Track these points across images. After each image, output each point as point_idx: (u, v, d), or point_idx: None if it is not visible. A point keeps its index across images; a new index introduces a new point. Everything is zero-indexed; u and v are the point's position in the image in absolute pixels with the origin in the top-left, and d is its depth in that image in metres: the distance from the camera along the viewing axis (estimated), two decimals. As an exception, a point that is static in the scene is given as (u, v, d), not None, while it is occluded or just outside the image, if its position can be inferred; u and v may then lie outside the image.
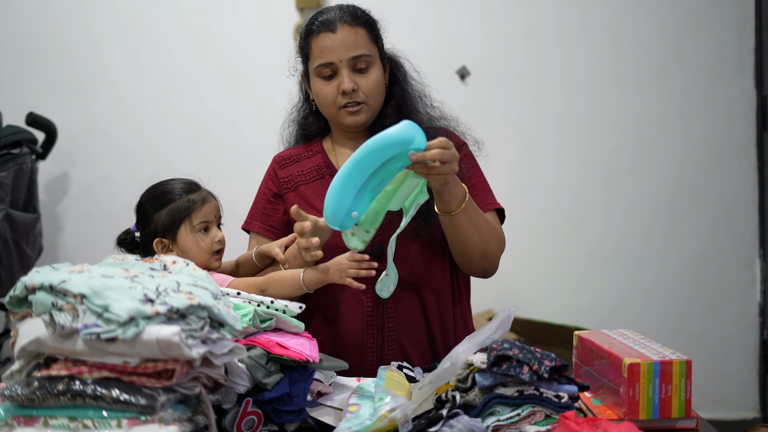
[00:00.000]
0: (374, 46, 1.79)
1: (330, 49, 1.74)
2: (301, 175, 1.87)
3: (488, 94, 3.38)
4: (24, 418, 1.12)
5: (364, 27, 1.77)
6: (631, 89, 3.40)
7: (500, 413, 1.28)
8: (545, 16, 3.40)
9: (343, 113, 1.78)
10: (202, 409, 1.16)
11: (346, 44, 1.74)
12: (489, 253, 1.74)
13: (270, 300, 1.48)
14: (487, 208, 1.81)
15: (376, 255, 1.76)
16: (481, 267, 1.77)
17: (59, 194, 3.48)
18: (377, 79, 1.77)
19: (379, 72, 1.78)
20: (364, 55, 1.75)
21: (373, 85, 1.76)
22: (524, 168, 3.42)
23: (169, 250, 1.66)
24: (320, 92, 1.79)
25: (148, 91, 3.44)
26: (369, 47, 1.77)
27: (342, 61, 1.74)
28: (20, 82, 3.45)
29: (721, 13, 3.36)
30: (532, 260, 3.43)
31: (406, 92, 1.85)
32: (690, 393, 1.35)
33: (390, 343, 1.76)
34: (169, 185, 1.68)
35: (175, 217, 1.64)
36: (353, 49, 1.74)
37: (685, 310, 3.42)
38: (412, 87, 1.87)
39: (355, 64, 1.75)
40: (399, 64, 1.88)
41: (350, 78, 1.74)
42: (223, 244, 1.69)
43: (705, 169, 3.40)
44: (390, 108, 1.83)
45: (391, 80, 1.86)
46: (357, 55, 1.74)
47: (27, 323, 1.17)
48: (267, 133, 3.37)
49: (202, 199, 1.67)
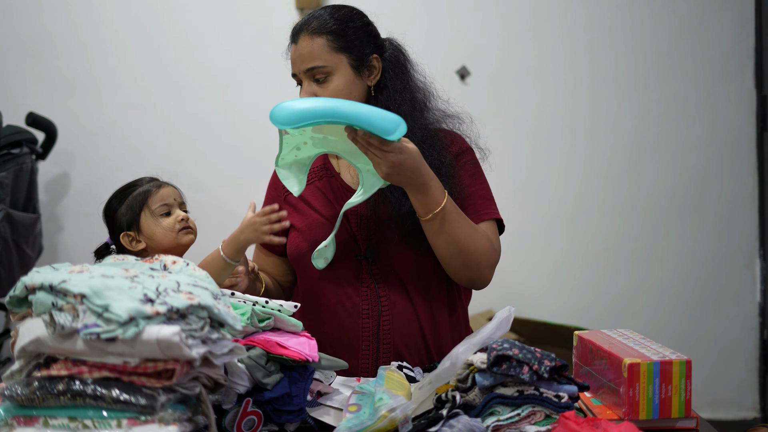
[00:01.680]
0: (338, 55, 1.75)
1: (293, 60, 1.78)
2: None
3: (488, 94, 3.38)
4: (24, 418, 1.12)
5: (324, 36, 1.75)
6: (631, 89, 3.40)
7: (500, 413, 1.28)
8: (545, 16, 3.40)
9: None
10: (202, 409, 1.16)
11: (302, 56, 1.75)
12: (471, 264, 1.71)
13: (264, 300, 1.48)
14: (482, 217, 1.78)
15: (369, 257, 1.76)
16: (466, 277, 1.75)
17: (59, 194, 3.48)
18: (336, 87, 1.74)
19: (342, 80, 1.75)
20: (318, 67, 1.74)
21: (331, 94, 1.74)
22: (524, 168, 3.42)
23: (137, 241, 1.66)
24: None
25: (148, 92, 3.44)
26: (327, 57, 1.74)
27: (299, 73, 1.76)
28: (20, 82, 3.45)
29: (721, 13, 3.36)
30: (532, 260, 3.43)
31: (398, 92, 1.80)
32: (690, 393, 1.35)
33: (385, 346, 1.76)
34: (126, 185, 1.71)
35: (133, 207, 1.66)
36: (307, 61, 1.74)
37: (685, 310, 3.42)
38: (410, 88, 1.82)
39: (313, 74, 1.75)
40: (399, 67, 1.83)
41: (307, 89, 1.75)
42: (189, 222, 1.68)
43: (705, 169, 3.40)
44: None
45: (379, 84, 1.81)
46: (311, 67, 1.74)
47: (27, 323, 1.17)
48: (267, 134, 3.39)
49: (158, 186, 1.68)
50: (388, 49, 1.84)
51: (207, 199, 3.34)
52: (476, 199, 1.80)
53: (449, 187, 1.72)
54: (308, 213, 1.83)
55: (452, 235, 1.68)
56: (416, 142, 1.72)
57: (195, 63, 3.44)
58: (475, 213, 1.77)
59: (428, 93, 1.86)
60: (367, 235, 1.78)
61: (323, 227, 1.79)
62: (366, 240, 1.78)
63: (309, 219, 1.82)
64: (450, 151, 1.80)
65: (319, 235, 1.77)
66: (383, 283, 1.76)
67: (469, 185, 1.80)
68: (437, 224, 1.67)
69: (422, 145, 1.74)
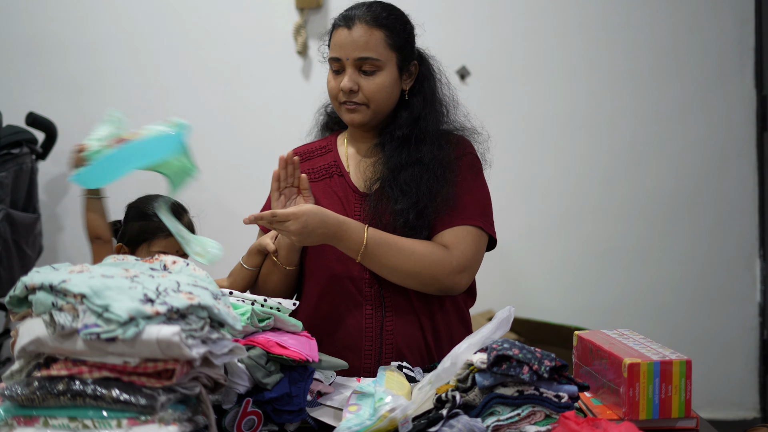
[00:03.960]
0: (391, 52, 1.76)
1: (341, 45, 1.75)
2: (311, 173, 1.86)
3: (488, 94, 3.38)
4: (24, 418, 1.12)
5: (383, 30, 1.75)
6: (630, 89, 3.40)
7: (500, 413, 1.28)
8: (545, 16, 3.40)
9: (342, 109, 1.80)
10: (202, 409, 1.16)
11: (356, 43, 1.73)
12: (427, 280, 1.73)
13: (263, 298, 1.48)
14: (464, 222, 1.76)
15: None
16: (433, 290, 1.76)
17: (59, 194, 3.48)
18: (382, 84, 1.75)
19: (389, 77, 1.76)
20: (372, 59, 1.74)
21: (377, 89, 1.75)
22: (524, 168, 3.42)
23: (125, 253, 1.75)
24: (328, 83, 1.81)
25: (147, 91, 3.44)
26: (382, 51, 1.75)
27: (348, 59, 1.74)
28: (20, 82, 3.45)
29: (721, 13, 3.36)
30: (532, 260, 3.43)
31: (428, 104, 1.82)
32: (690, 393, 1.35)
33: (388, 346, 1.76)
34: (154, 204, 1.75)
35: (140, 236, 1.77)
36: (362, 50, 1.73)
37: (685, 310, 3.42)
38: (437, 99, 1.85)
39: (361, 65, 1.74)
40: (430, 75, 1.85)
41: (352, 78, 1.74)
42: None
43: (705, 169, 3.40)
44: (404, 119, 1.80)
45: (415, 89, 1.83)
46: (364, 57, 1.73)
47: (27, 323, 1.17)
48: (267, 134, 3.39)
49: (167, 235, 1.73)
50: (423, 58, 1.87)
51: (207, 199, 3.31)
52: (466, 203, 1.79)
53: (442, 187, 1.74)
54: None
55: (390, 265, 1.71)
56: (428, 143, 1.77)
57: (195, 63, 3.44)
58: (458, 216, 1.77)
59: (452, 105, 1.88)
60: None
61: None
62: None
63: None
64: (455, 152, 1.82)
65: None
66: (387, 283, 1.77)
67: (466, 189, 1.80)
68: (369, 260, 1.71)
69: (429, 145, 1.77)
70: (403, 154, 1.77)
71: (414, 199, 1.74)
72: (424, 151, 1.77)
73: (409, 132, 1.79)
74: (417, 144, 1.78)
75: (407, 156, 1.77)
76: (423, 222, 1.75)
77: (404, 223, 1.74)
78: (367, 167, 1.83)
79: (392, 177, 1.77)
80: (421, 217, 1.74)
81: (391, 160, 1.78)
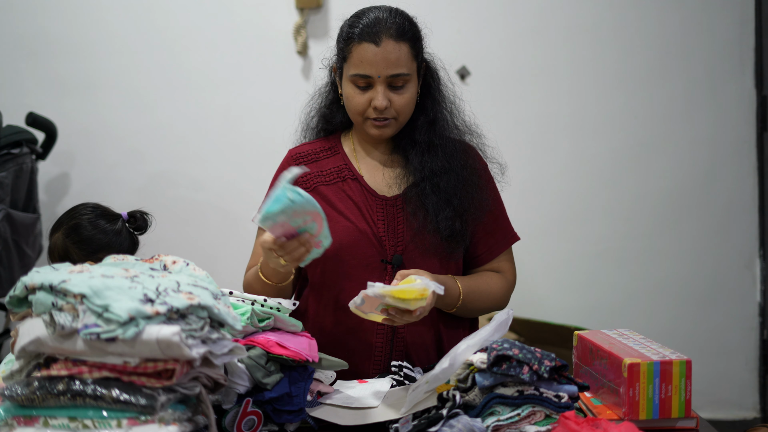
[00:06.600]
0: (414, 63, 1.74)
1: (370, 62, 1.69)
2: (321, 176, 1.82)
3: (488, 94, 3.37)
4: (24, 418, 1.12)
5: (407, 42, 1.72)
6: (630, 89, 3.40)
7: (500, 413, 1.28)
8: (545, 16, 3.40)
9: (369, 124, 1.75)
10: (202, 409, 1.16)
11: (387, 60, 1.69)
12: (495, 310, 1.80)
13: (263, 298, 1.48)
14: (503, 248, 1.87)
15: (395, 263, 1.75)
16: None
17: (59, 194, 3.48)
18: (411, 97, 1.74)
19: (414, 88, 1.75)
20: (402, 74, 1.71)
21: (406, 103, 1.73)
22: (524, 168, 3.41)
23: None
24: (351, 99, 1.74)
25: (147, 91, 3.44)
26: (409, 65, 1.72)
27: (380, 76, 1.70)
28: (20, 82, 3.44)
29: (721, 13, 3.35)
30: (533, 260, 3.42)
31: (438, 103, 1.82)
32: (690, 393, 1.35)
33: (398, 353, 1.75)
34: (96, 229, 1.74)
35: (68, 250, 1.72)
36: (393, 67, 1.69)
37: (685, 310, 3.42)
38: (445, 98, 1.84)
39: (393, 81, 1.71)
40: (435, 75, 1.84)
41: (385, 95, 1.70)
42: None
43: (705, 169, 3.40)
44: (421, 122, 1.80)
45: (424, 91, 1.82)
46: (396, 74, 1.70)
47: (27, 323, 1.17)
48: (266, 134, 3.39)
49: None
50: (429, 59, 1.85)
51: (206, 198, 3.33)
52: (503, 220, 1.88)
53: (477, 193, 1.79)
54: (331, 213, 1.78)
55: (478, 310, 1.83)
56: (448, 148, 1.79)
57: (195, 63, 3.44)
58: (504, 239, 1.86)
59: (456, 105, 1.88)
60: (395, 241, 1.77)
61: (348, 229, 1.77)
62: (393, 246, 1.76)
63: (333, 219, 1.76)
64: (477, 159, 1.85)
65: (343, 236, 1.75)
66: None
67: (498, 202, 1.86)
68: (462, 310, 1.78)
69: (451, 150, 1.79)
70: (436, 161, 1.77)
71: (457, 207, 1.76)
72: (449, 157, 1.78)
73: (429, 137, 1.79)
74: (442, 149, 1.78)
75: (439, 162, 1.77)
76: (465, 229, 1.77)
77: (451, 233, 1.75)
78: (387, 171, 1.82)
79: (431, 184, 1.76)
80: (464, 224, 1.77)
81: (424, 166, 1.77)
